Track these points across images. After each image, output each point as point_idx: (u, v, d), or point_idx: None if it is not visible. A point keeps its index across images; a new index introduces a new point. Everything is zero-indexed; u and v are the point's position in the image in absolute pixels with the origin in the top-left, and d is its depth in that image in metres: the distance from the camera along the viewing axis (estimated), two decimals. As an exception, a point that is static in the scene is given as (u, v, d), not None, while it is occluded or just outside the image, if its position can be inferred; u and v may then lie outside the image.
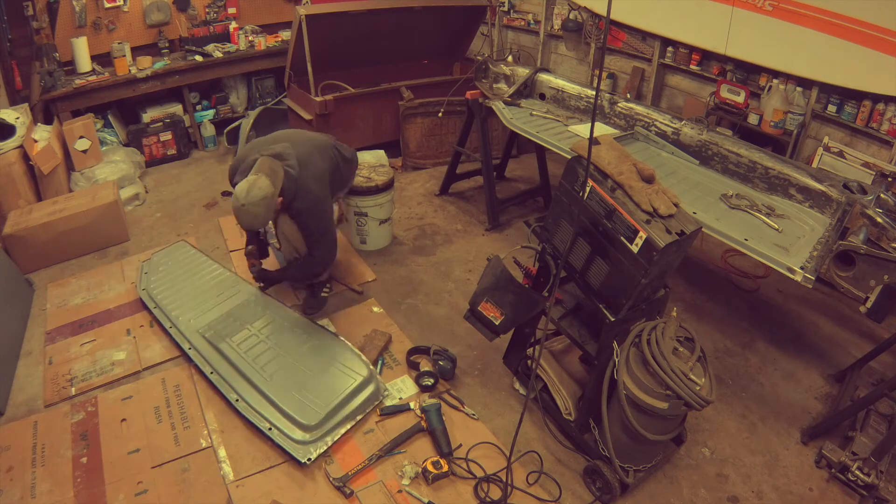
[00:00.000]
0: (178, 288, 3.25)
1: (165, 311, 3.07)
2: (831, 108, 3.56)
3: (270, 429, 2.42)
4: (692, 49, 4.28)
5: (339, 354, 2.76)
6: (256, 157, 2.68)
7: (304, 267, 2.97)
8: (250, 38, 5.09)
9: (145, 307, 3.16)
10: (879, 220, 2.40)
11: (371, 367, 2.70)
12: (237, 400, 2.55)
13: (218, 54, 4.89)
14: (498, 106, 3.75)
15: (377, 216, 3.69)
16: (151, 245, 3.80)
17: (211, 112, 5.20)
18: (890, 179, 3.18)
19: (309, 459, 2.30)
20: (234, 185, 2.71)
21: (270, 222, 2.78)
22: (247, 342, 2.82)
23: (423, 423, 2.49)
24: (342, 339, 2.86)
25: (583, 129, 3.50)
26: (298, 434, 2.39)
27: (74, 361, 2.85)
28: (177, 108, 4.98)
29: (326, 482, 2.27)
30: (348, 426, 2.47)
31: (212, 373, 2.69)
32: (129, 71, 4.52)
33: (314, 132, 3.43)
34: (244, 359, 2.72)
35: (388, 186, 3.65)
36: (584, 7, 4.92)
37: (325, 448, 2.37)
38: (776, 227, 2.62)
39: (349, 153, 3.23)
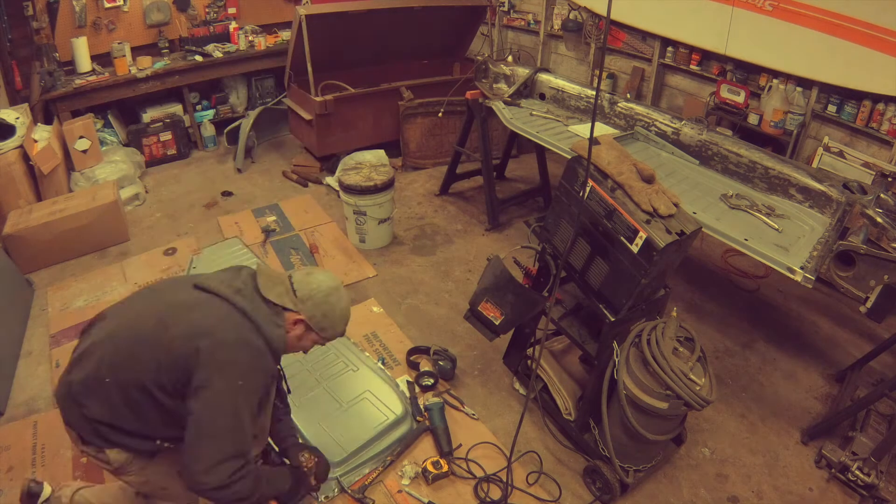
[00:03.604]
0: None
1: None
2: (831, 108, 3.56)
3: None
4: (692, 49, 4.28)
5: (374, 386, 2.62)
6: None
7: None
8: (250, 38, 5.08)
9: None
10: (879, 220, 2.40)
11: (407, 403, 2.57)
12: None
13: (218, 54, 4.88)
14: (498, 106, 3.74)
15: (376, 215, 3.69)
16: (151, 245, 3.80)
17: (211, 112, 5.20)
18: (890, 179, 3.17)
19: (326, 497, 2.20)
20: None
21: None
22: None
23: (426, 423, 2.49)
24: (381, 367, 2.74)
25: (583, 129, 3.50)
26: None
27: (78, 362, 2.84)
28: (177, 108, 4.98)
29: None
30: (375, 468, 2.31)
31: None
32: (129, 71, 4.51)
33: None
34: None
35: (387, 186, 3.65)
36: (584, 7, 4.92)
37: (346, 487, 2.24)
38: (776, 227, 2.62)
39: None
